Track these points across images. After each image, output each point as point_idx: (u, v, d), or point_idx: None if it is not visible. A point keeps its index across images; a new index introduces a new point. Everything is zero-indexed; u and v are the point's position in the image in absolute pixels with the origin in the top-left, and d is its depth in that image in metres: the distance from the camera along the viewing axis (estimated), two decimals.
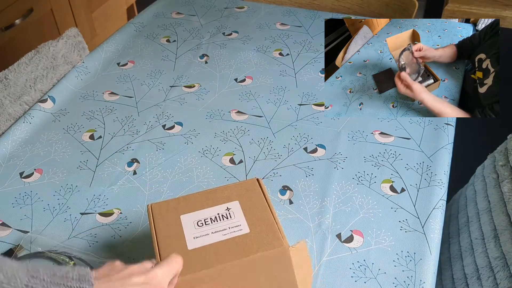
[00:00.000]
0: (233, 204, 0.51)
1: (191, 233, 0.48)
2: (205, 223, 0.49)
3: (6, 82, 0.78)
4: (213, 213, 0.50)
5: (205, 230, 0.48)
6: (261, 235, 0.48)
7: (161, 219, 0.50)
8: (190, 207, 0.51)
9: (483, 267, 0.65)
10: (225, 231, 0.48)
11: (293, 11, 1.12)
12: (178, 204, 0.52)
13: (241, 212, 0.50)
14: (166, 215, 0.51)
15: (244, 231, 0.48)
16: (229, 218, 0.49)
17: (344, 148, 0.74)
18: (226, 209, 0.50)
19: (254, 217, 0.49)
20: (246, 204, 0.51)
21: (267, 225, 0.49)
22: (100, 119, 0.81)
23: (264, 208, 0.50)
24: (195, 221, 0.49)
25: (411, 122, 0.78)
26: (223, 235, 0.48)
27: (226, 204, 0.51)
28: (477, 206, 0.72)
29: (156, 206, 0.52)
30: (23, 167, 0.72)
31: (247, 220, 0.49)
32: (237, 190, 0.52)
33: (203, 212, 0.50)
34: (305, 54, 0.96)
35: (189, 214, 0.50)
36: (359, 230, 0.61)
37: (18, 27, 1.30)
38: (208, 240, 0.47)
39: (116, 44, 1.00)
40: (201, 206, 0.51)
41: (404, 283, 0.55)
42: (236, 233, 0.48)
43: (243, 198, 0.52)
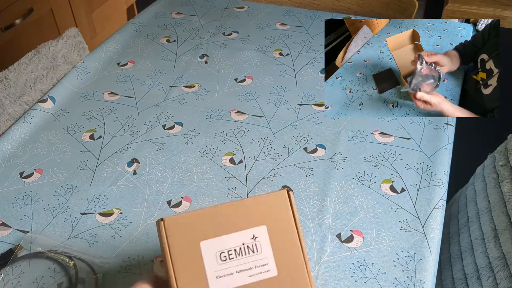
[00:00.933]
0: (260, 230, 0.44)
1: (214, 270, 0.42)
2: (229, 256, 0.42)
3: (6, 82, 0.78)
4: (238, 242, 0.43)
5: (230, 267, 0.42)
6: (289, 280, 0.42)
7: (178, 242, 0.42)
8: (212, 228, 0.43)
9: (483, 267, 0.65)
10: (251, 271, 0.42)
11: (293, 11, 1.12)
12: (197, 223, 0.43)
13: (269, 243, 0.43)
14: (183, 237, 0.42)
15: (272, 273, 0.42)
16: (256, 252, 0.43)
17: (344, 148, 0.74)
18: (252, 237, 0.43)
19: (282, 254, 0.43)
20: (274, 231, 0.44)
21: (296, 267, 0.43)
22: (100, 119, 0.81)
23: (294, 241, 0.44)
24: (218, 253, 0.42)
25: (411, 122, 0.78)
26: (248, 277, 0.42)
27: (253, 230, 0.43)
28: (477, 206, 0.72)
29: (171, 223, 0.43)
30: (23, 167, 0.72)
31: (275, 257, 0.43)
32: (265, 207, 0.44)
33: (227, 239, 0.43)
34: (305, 54, 0.96)
35: (211, 240, 0.43)
36: (359, 230, 0.61)
37: (18, 27, 1.30)
38: (233, 283, 0.42)
39: (116, 44, 1.00)
40: (224, 230, 0.43)
41: (404, 283, 0.55)
42: (263, 275, 0.42)
43: (271, 220, 0.44)
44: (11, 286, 0.56)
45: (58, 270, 0.57)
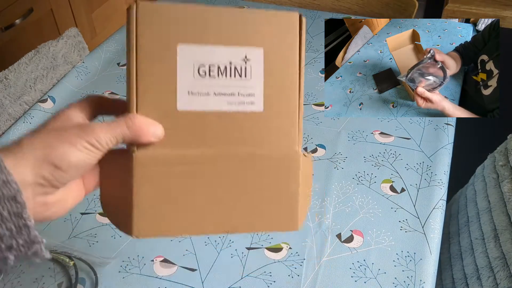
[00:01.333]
0: (255, 52, 0.35)
1: (187, 84, 0.34)
2: (210, 73, 0.34)
3: (6, 82, 0.78)
4: (224, 59, 0.34)
5: (207, 86, 0.34)
6: (274, 123, 0.36)
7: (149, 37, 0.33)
8: (196, 33, 0.34)
9: (483, 267, 0.65)
10: (231, 98, 0.35)
11: None
12: (179, 19, 0.33)
13: (262, 71, 0.35)
14: (157, 32, 0.33)
15: (256, 106, 0.35)
16: (243, 77, 0.35)
17: (344, 148, 0.74)
18: (243, 58, 0.35)
19: (274, 87, 0.35)
20: (271, 58, 0.35)
21: (286, 109, 0.36)
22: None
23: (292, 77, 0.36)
24: (196, 64, 0.34)
25: (411, 122, 0.78)
26: (227, 104, 0.34)
27: (246, 50, 0.35)
28: (477, 206, 0.72)
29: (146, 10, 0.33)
30: None
31: (265, 90, 0.35)
32: (267, 27, 0.35)
33: (212, 51, 0.34)
34: (305, 54, 0.96)
35: (192, 46, 0.34)
36: (359, 230, 0.61)
37: (18, 27, 1.30)
38: (207, 105, 0.34)
39: (116, 44, 1.00)
40: (211, 39, 0.34)
41: (404, 283, 0.55)
42: (245, 106, 0.35)
43: (271, 44, 0.35)
44: (11, 286, 0.56)
45: (58, 270, 0.57)
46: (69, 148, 0.32)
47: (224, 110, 0.35)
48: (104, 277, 0.57)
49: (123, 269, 0.58)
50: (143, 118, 0.34)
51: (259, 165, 0.36)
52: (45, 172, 0.31)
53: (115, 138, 0.33)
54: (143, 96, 0.33)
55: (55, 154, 0.31)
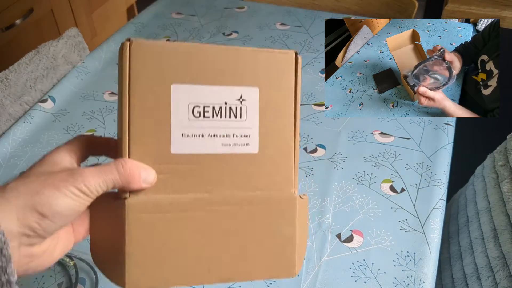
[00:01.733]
0: (251, 92, 0.34)
1: (181, 125, 0.32)
2: (205, 113, 0.33)
3: (7, 82, 0.78)
4: (219, 99, 0.33)
5: (202, 128, 0.33)
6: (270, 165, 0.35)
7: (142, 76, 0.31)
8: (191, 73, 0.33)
9: (482, 267, 0.66)
10: (226, 139, 0.34)
11: (293, 11, 1.12)
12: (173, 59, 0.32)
13: (257, 111, 0.34)
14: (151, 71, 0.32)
15: (251, 148, 0.34)
16: (239, 117, 0.34)
17: (344, 148, 0.74)
18: (239, 98, 0.34)
19: (270, 129, 0.35)
20: (267, 98, 0.34)
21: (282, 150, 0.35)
22: (100, 119, 0.81)
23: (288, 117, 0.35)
24: (191, 105, 0.32)
25: (411, 122, 0.78)
26: (222, 145, 0.34)
27: (241, 90, 0.34)
28: (476, 206, 0.73)
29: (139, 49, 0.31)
30: (24, 167, 0.72)
31: (261, 130, 0.34)
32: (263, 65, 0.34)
33: (207, 91, 0.33)
34: (305, 54, 0.97)
35: (186, 86, 0.32)
36: (359, 230, 0.62)
37: (18, 27, 1.30)
38: (202, 147, 0.33)
39: (116, 44, 1.00)
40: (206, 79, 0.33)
41: (404, 283, 0.55)
42: (240, 148, 0.34)
43: (267, 83, 0.34)
44: None
45: (58, 270, 0.57)
46: (56, 194, 0.29)
47: (219, 152, 0.34)
48: (104, 277, 0.57)
49: None
50: (135, 163, 0.32)
51: (254, 210, 0.35)
52: (31, 222, 0.29)
53: (105, 184, 0.31)
54: (136, 139, 0.32)
55: (40, 201, 0.29)
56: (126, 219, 0.32)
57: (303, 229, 0.38)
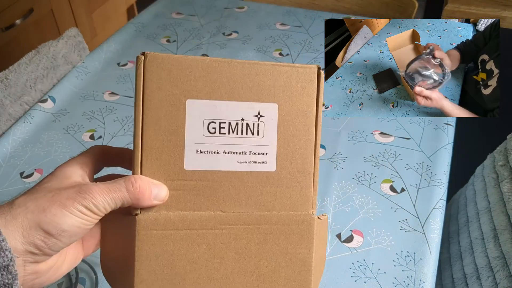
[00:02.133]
0: (269, 108, 0.33)
1: (195, 141, 0.32)
2: (220, 130, 0.32)
3: (7, 82, 0.78)
4: (236, 115, 0.32)
5: (217, 144, 0.32)
6: (288, 184, 0.33)
7: (157, 89, 0.31)
8: (206, 87, 0.32)
9: (482, 267, 0.66)
10: (243, 157, 0.33)
11: (293, 11, 1.12)
12: (189, 73, 0.32)
13: (276, 128, 0.33)
14: (166, 84, 0.31)
15: (269, 166, 0.33)
16: (256, 134, 0.33)
17: (344, 148, 0.74)
18: (256, 114, 0.33)
19: (289, 146, 0.33)
20: (287, 114, 0.33)
21: (301, 169, 0.33)
22: (100, 119, 0.81)
23: (309, 134, 0.33)
24: (206, 121, 0.32)
25: (411, 122, 0.78)
26: (238, 163, 0.32)
27: (260, 105, 0.33)
28: (476, 206, 0.73)
29: (155, 62, 0.31)
30: (24, 167, 0.72)
31: (279, 148, 0.33)
32: (283, 81, 0.33)
33: (223, 106, 0.32)
34: (305, 54, 0.97)
35: (201, 101, 0.32)
36: (359, 230, 0.62)
37: (18, 27, 1.30)
38: (216, 164, 0.32)
39: (116, 44, 1.00)
40: (222, 94, 0.32)
41: (404, 283, 0.55)
42: (257, 166, 0.33)
43: (286, 100, 0.33)
44: None
45: None
46: (62, 212, 0.29)
47: (234, 170, 0.32)
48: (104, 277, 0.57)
49: None
50: (146, 180, 0.31)
51: (269, 230, 0.34)
52: (37, 240, 0.28)
53: (114, 202, 0.31)
54: (149, 154, 0.31)
55: (46, 219, 0.28)
56: (137, 235, 0.31)
57: (320, 251, 0.36)
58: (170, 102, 0.31)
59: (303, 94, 0.33)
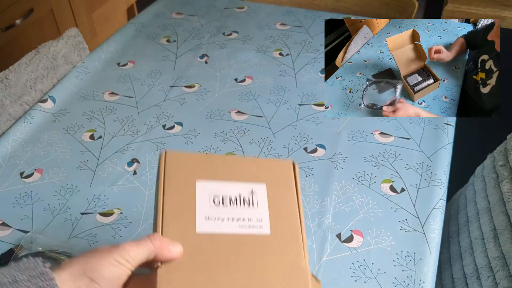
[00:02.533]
0: (260, 187, 0.42)
1: (204, 211, 0.40)
2: (223, 202, 0.41)
3: (7, 82, 0.78)
4: (235, 192, 0.42)
5: (221, 213, 0.40)
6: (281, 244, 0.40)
7: (175, 176, 0.41)
8: (211, 172, 0.42)
9: (482, 267, 0.66)
10: (242, 222, 0.40)
11: (293, 11, 1.12)
12: (198, 163, 0.43)
13: (266, 201, 0.42)
14: (181, 172, 0.42)
15: (264, 230, 0.40)
16: (251, 205, 0.41)
17: (344, 148, 0.74)
18: (250, 191, 0.42)
19: (278, 215, 0.42)
20: (274, 192, 0.43)
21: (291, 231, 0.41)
22: (100, 119, 0.81)
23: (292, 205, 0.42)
24: (212, 196, 0.41)
25: (411, 122, 0.78)
26: (239, 227, 0.40)
27: (252, 185, 0.42)
28: (476, 206, 0.73)
29: (173, 157, 0.42)
30: (23, 167, 0.72)
31: (271, 216, 0.41)
32: (268, 169, 0.44)
33: (224, 185, 0.42)
34: (305, 54, 0.97)
35: (208, 182, 0.42)
36: (359, 230, 0.62)
37: (18, 27, 1.30)
38: (221, 228, 0.40)
39: (116, 44, 1.00)
40: (223, 176, 0.42)
41: (404, 283, 0.55)
42: (254, 229, 0.40)
43: (272, 182, 0.43)
44: None
45: None
46: (103, 262, 0.35)
47: (237, 232, 0.40)
48: None
49: None
50: (165, 238, 0.38)
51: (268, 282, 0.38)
52: (82, 285, 0.35)
53: (143, 253, 0.37)
54: (168, 221, 0.39)
55: (90, 268, 0.35)
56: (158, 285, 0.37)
57: None
58: (184, 184, 0.41)
59: (285, 178, 0.44)
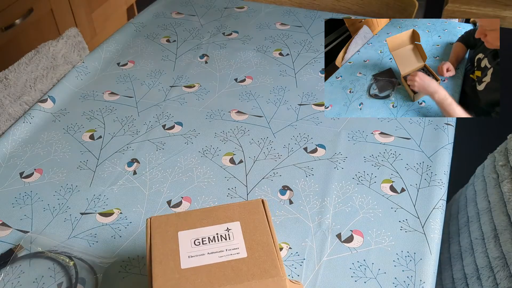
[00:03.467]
0: (234, 225, 0.49)
1: (187, 251, 0.47)
2: (203, 242, 0.48)
3: (6, 82, 0.78)
4: (212, 233, 0.49)
5: (202, 250, 0.47)
6: (258, 261, 0.46)
7: (159, 233, 0.49)
8: (190, 223, 0.50)
9: (483, 267, 0.66)
10: (221, 253, 0.47)
11: (293, 11, 1.12)
12: (178, 220, 0.50)
13: (241, 234, 0.49)
14: (164, 229, 0.49)
15: (242, 255, 0.47)
16: (228, 239, 0.48)
17: (344, 148, 0.74)
18: (226, 229, 0.49)
19: (253, 241, 0.48)
20: (248, 226, 0.49)
21: (266, 251, 0.47)
22: (100, 119, 0.81)
23: (265, 232, 0.49)
24: (192, 239, 0.48)
25: (411, 122, 0.78)
26: (219, 257, 0.47)
27: (227, 224, 0.50)
28: (477, 206, 0.72)
29: (156, 220, 0.50)
30: (23, 167, 0.72)
31: (246, 243, 0.48)
32: (240, 210, 0.51)
33: (202, 230, 0.49)
34: (305, 54, 0.97)
35: (188, 231, 0.49)
36: (359, 230, 0.61)
37: (18, 27, 1.30)
38: (203, 261, 0.46)
39: (116, 44, 1.00)
40: (200, 224, 0.50)
41: (404, 283, 0.55)
42: (233, 256, 0.47)
43: (245, 219, 0.50)
44: (11, 286, 0.56)
45: (58, 270, 0.57)
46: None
47: (217, 262, 0.46)
48: (104, 277, 0.57)
49: (123, 269, 0.58)
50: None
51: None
52: None
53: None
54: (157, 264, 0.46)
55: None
56: None
57: None
58: (168, 237, 0.48)
59: (256, 214, 0.50)
